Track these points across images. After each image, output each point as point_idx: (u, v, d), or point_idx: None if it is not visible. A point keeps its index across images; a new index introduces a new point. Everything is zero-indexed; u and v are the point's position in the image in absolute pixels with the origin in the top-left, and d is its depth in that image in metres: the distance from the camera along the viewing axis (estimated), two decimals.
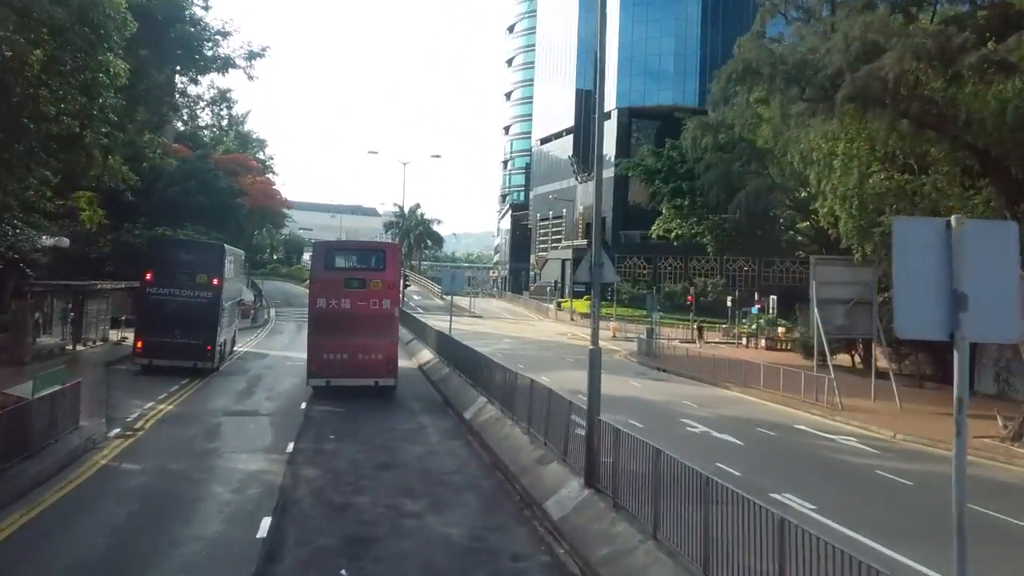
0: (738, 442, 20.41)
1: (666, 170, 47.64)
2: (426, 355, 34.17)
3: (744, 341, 54.69)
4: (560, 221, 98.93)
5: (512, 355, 42.47)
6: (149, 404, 21.67)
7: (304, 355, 25.54)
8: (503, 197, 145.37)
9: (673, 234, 49.33)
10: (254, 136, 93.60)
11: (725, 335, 63.78)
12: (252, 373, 29.99)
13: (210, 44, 32.71)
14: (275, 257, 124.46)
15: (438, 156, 58.43)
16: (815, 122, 24.48)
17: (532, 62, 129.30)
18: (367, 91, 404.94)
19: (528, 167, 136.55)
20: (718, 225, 46.53)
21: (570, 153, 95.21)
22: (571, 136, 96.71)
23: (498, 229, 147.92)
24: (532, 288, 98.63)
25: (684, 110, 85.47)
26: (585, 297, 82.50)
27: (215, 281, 27.91)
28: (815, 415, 26.04)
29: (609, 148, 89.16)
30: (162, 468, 14.98)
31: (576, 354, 45.69)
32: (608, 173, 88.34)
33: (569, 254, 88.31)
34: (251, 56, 31.23)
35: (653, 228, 50.66)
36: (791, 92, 27.32)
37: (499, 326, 63.07)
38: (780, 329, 57.73)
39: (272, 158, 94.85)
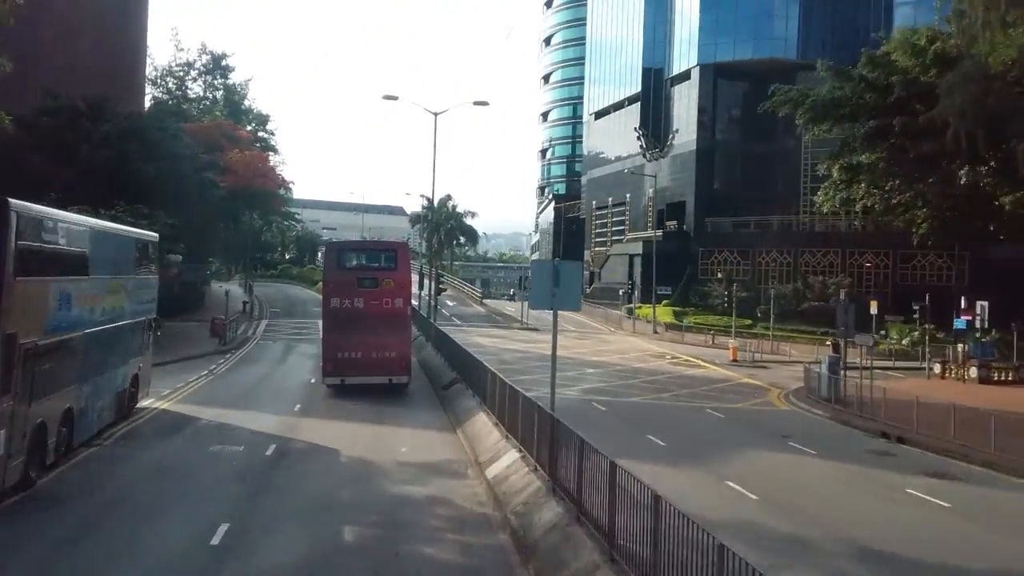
0: None
1: (855, 101, 29.89)
2: (490, 435, 17.18)
3: (937, 368, 37.12)
4: (623, 209, 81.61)
5: (616, 404, 25.55)
6: None
7: (265, 420, 19.84)
8: (541, 189, 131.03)
9: (859, 205, 31.60)
10: (254, 109, 77.03)
11: (867, 354, 46.24)
12: (99, 501, 13.25)
13: None
14: (287, 257, 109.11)
15: (485, 103, 41.74)
16: None
17: (575, 39, 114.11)
18: (379, 79, 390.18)
19: (570, 156, 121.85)
20: (940, 191, 28.40)
21: (636, 125, 77.74)
22: (636, 105, 79.18)
23: (536, 224, 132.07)
24: (590, 290, 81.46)
25: (784, 64, 68.91)
26: (665, 302, 65.43)
27: None
28: None
29: (687, 117, 71.88)
30: None
31: (715, 398, 28.42)
32: (688, 147, 71.01)
33: (639, 248, 70.99)
34: None
35: (822, 200, 33.03)
36: None
37: (566, 344, 46.05)
38: (959, 347, 40.11)
39: (274, 134, 78.21)
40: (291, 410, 21.88)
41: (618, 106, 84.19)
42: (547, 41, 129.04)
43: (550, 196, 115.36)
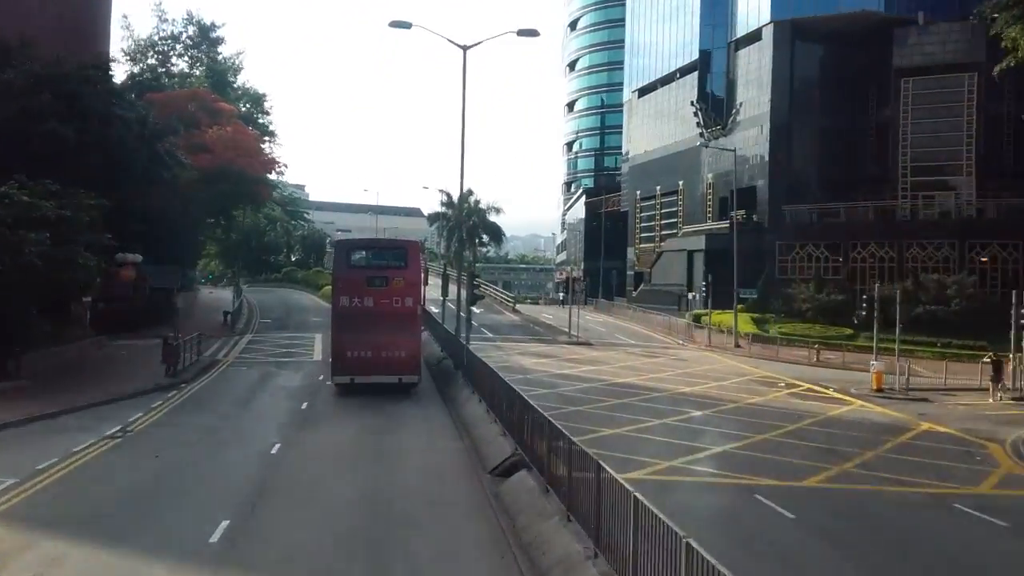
0: None
1: None
2: None
3: None
4: (674, 199, 70.52)
5: (793, 497, 13.45)
6: None
7: None
8: (567, 185, 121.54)
9: None
10: (247, 87, 66.34)
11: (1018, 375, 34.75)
12: None
13: None
14: (292, 258, 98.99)
15: (534, 32, 29.52)
16: None
17: (604, 21, 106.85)
18: (386, 72, 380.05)
19: (599, 148, 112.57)
20: None
21: (694, 99, 66.47)
22: (691, 76, 67.91)
23: (563, 222, 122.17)
24: (637, 292, 70.48)
25: (875, 19, 57.49)
26: (739, 307, 53.71)
27: None
28: None
29: (756, 86, 60.52)
30: None
31: (928, 470, 15.87)
32: (759, 123, 59.61)
33: (700, 242, 59.95)
34: None
35: None
36: None
37: (636, 365, 35.15)
38: None
39: (269, 113, 67.37)
40: (206, 541, 11.08)
41: (667, 79, 72.94)
42: (572, 26, 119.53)
43: (578, 191, 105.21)
